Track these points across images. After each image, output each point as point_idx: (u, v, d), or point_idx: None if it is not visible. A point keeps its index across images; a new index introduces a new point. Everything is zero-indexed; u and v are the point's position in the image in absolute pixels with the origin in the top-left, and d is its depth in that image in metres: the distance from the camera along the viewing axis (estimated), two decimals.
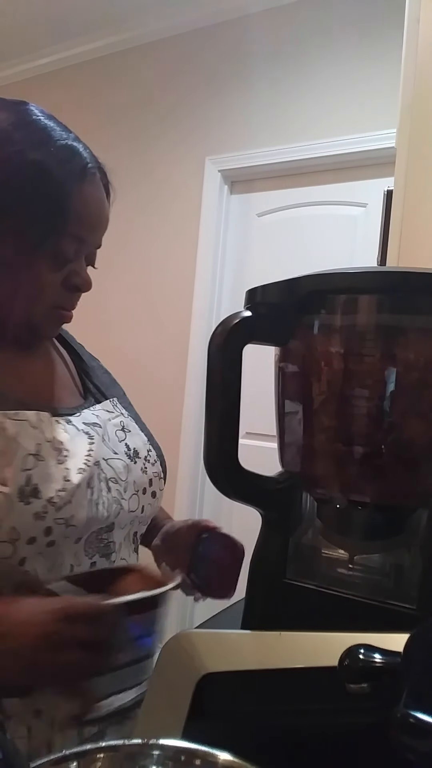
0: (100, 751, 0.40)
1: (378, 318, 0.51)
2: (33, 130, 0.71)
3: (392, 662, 0.37)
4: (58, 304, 0.75)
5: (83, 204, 0.72)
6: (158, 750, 0.40)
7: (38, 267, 0.72)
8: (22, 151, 0.69)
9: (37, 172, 0.69)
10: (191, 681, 0.50)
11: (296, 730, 0.49)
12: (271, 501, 0.56)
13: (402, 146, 1.17)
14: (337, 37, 2.44)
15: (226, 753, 0.39)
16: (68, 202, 0.71)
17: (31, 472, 0.68)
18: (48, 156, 0.70)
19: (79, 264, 0.75)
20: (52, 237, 0.71)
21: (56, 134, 0.72)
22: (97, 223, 0.76)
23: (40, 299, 0.73)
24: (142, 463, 0.82)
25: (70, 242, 0.73)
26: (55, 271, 0.73)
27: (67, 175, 0.71)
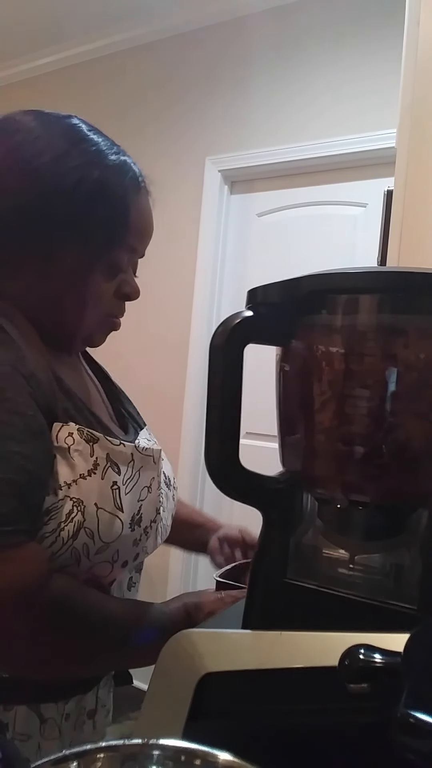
0: (100, 751, 0.40)
1: (378, 318, 0.51)
2: (87, 146, 0.73)
3: (392, 662, 0.37)
4: (110, 312, 0.78)
5: (138, 216, 0.75)
6: (158, 750, 0.40)
7: (96, 278, 0.74)
8: (81, 168, 0.71)
9: (97, 188, 0.71)
10: (191, 681, 0.50)
11: (296, 730, 0.49)
12: (272, 501, 0.56)
13: (402, 146, 1.17)
14: (337, 37, 2.44)
15: (226, 753, 0.39)
16: (128, 216, 0.73)
17: (143, 502, 0.74)
18: (105, 171, 0.72)
19: (128, 273, 0.78)
20: (111, 248, 0.74)
21: (108, 149, 0.74)
22: (148, 234, 0.79)
23: (97, 308, 0.76)
24: (173, 491, 0.87)
25: (124, 252, 0.75)
26: (109, 280, 0.75)
27: (126, 189, 0.73)
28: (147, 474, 0.75)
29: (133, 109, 2.95)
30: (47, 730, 0.72)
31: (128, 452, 0.72)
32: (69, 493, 0.66)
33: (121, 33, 2.99)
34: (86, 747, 0.39)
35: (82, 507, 0.66)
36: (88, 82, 3.14)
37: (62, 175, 0.70)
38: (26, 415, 0.63)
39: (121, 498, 0.70)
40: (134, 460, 0.73)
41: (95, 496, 0.67)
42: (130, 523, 0.70)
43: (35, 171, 0.69)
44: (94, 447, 0.69)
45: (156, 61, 2.93)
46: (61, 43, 3.16)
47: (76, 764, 0.38)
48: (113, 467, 0.70)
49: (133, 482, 0.72)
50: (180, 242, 2.80)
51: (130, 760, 0.40)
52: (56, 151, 0.70)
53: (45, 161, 0.70)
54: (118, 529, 0.69)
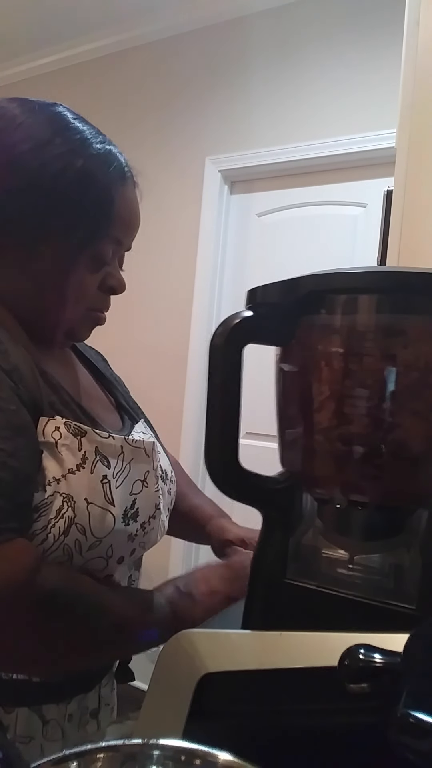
0: (100, 751, 0.40)
1: (378, 318, 0.51)
2: (71, 134, 0.71)
3: (392, 662, 0.37)
4: (94, 306, 0.76)
5: (124, 207, 0.73)
6: (158, 750, 0.40)
7: (79, 269, 0.72)
8: (64, 156, 0.69)
9: (81, 178, 0.69)
10: (191, 681, 0.50)
11: (296, 730, 0.49)
12: (272, 501, 0.56)
13: (402, 146, 1.17)
14: (337, 37, 2.44)
15: (226, 753, 0.39)
16: (113, 207, 0.71)
17: (137, 496, 0.73)
18: (90, 160, 0.70)
19: (113, 266, 0.76)
20: (95, 240, 0.72)
21: (93, 138, 0.72)
22: (134, 225, 0.77)
23: (80, 301, 0.74)
24: (170, 485, 0.85)
25: (109, 244, 0.73)
26: (93, 273, 0.73)
27: (110, 179, 0.72)
28: (139, 467, 0.74)
29: (134, 108, 2.95)
30: (50, 732, 0.71)
31: (117, 445, 0.71)
32: (58, 488, 0.65)
33: (121, 33, 2.99)
34: (86, 747, 0.39)
35: (72, 502, 0.65)
36: (88, 82, 3.14)
37: (44, 163, 0.68)
38: (8, 411, 0.62)
39: (112, 492, 0.68)
40: (124, 452, 0.72)
41: (85, 490, 0.66)
42: (123, 518, 0.69)
43: (16, 159, 0.68)
44: (82, 441, 0.67)
45: (156, 61, 2.93)
46: (61, 43, 3.16)
47: (76, 764, 0.38)
48: (102, 461, 0.69)
49: (123, 475, 0.71)
50: (180, 242, 2.80)
51: (130, 760, 0.40)
52: (39, 139, 0.68)
53: (26, 149, 0.68)
54: (110, 524, 0.68)
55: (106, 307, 0.78)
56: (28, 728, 0.70)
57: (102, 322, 0.78)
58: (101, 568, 0.70)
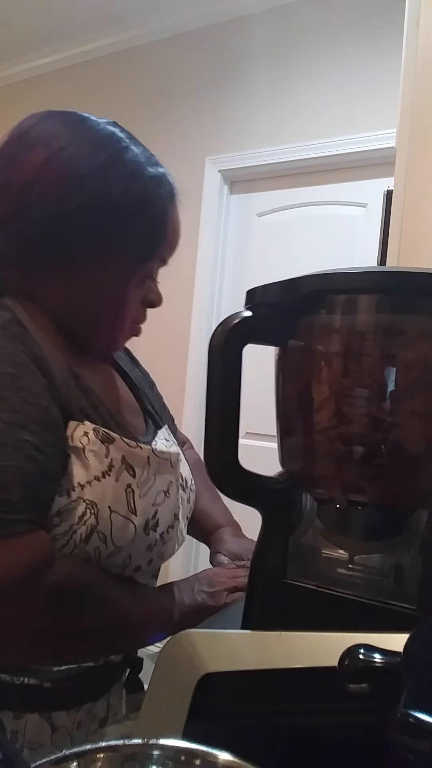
0: (100, 751, 0.40)
1: (378, 318, 0.51)
2: (130, 156, 0.72)
3: (392, 662, 0.37)
4: (136, 319, 0.79)
5: (172, 227, 0.76)
6: (158, 750, 0.40)
7: (129, 286, 0.74)
8: (126, 179, 0.70)
9: (141, 200, 0.71)
10: (191, 681, 0.50)
11: (296, 730, 0.49)
12: (271, 501, 0.56)
13: (402, 146, 1.17)
14: (337, 37, 2.44)
15: (226, 753, 0.39)
16: (167, 227, 0.75)
17: (159, 507, 0.72)
18: (148, 183, 0.72)
19: (154, 281, 0.79)
20: (148, 259, 0.75)
21: (146, 161, 0.74)
22: (176, 244, 0.79)
23: (125, 313, 0.76)
24: (189, 493, 0.84)
25: (157, 262, 0.77)
26: (139, 288, 0.76)
27: (164, 202, 0.74)
28: (163, 478, 0.74)
29: (133, 108, 2.95)
30: (58, 739, 0.71)
31: (144, 455, 0.71)
32: (83, 494, 0.65)
33: (121, 33, 2.99)
34: (86, 747, 0.39)
35: (95, 510, 0.65)
36: (88, 82, 3.14)
37: (106, 185, 0.69)
38: (40, 406, 0.62)
39: (135, 501, 0.68)
40: (150, 463, 0.71)
41: (109, 498, 0.66)
42: (144, 528, 0.69)
43: (78, 180, 0.68)
44: (110, 448, 0.68)
45: (156, 61, 2.93)
46: (61, 43, 3.16)
47: (76, 764, 0.38)
48: (128, 470, 0.69)
49: (148, 485, 0.71)
50: (180, 242, 2.80)
51: (130, 760, 0.40)
52: (100, 161, 0.69)
53: (88, 171, 0.69)
54: (131, 534, 0.68)
55: (144, 319, 0.80)
56: (38, 735, 0.70)
57: (138, 333, 0.81)
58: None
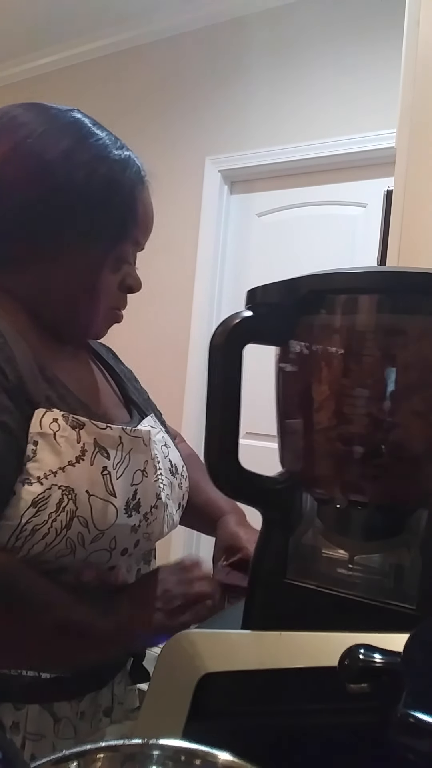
0: (100, 751, 0.40)
1: (378, 318, 0.51)
2: (93, 141, 0.73)
3: (392, 662, 0.37)
4: (114, 304, 0.78)
5: (143, 209, 0.76)
6: (158, 750, 0.40)
7: (103, 271, 0.74)
8: (89, 163, 0.71)
9: (106, 183, 0.72)
10: (191, 681, 0.50)
11: (296, 730, 0.49)
12: (272, 501, 0.56)
13: (402, 146, 1.17)
14: (337, 37, 2.44)
15: (226, 753, 0.39)
16: (136, 209, 0.75)
17: (138, 487, 0.72)
18: (113, 166, 0.73)
19: (131, 266, 0.79)
20: (120, 242, 0.75)
21: (112, 144, 0.74)
22: (150, 227, 0.80)
23: (103, 301, 0.76)
24: (180, 479, 0.84)
25: (130, 246, 0.77)
26: (115, 273, 0.76)
27: (132, 183, 0.74)
28: (138, 457, 0.73)
29: (134, 108, 2.95)
30: (61, 730, 0.71)
31: (116, 435, 0.71)
32: (56, 481, 0.64)
33: (121, 33, 2.99)
34: (86, 747, 0.39)
35: (72, 495, 0.65)
36: (88, 82, 3.14)
37: (71, 170, 0.70)
38: None
39: (112, 483, 0.68)
40: (123, 442, 0.71)
41: (86, 483, 0.66)
42: (125, 509, 0.69)
43: (44, 166, 0.69)
44: (81, 432, 0.67)
45: (156, 61, 2.93)
46: (61, 43, 3.16)
47: (76, 764, 0.38)
48: (102, 452, 0.69)
49: (123, 466, 0.70)
50: (180, 242, 2.80)
51: (130, 760, 0.40)
52: (64, 146, 0.70)
53: (54, 156, 0.70)
54: (113, 516, 0.68)
55: (124, 305, 0.80)
56: (39, 726, 0.70)
57: (120, 320, 0.81)
58: (105, 561, 0.69)
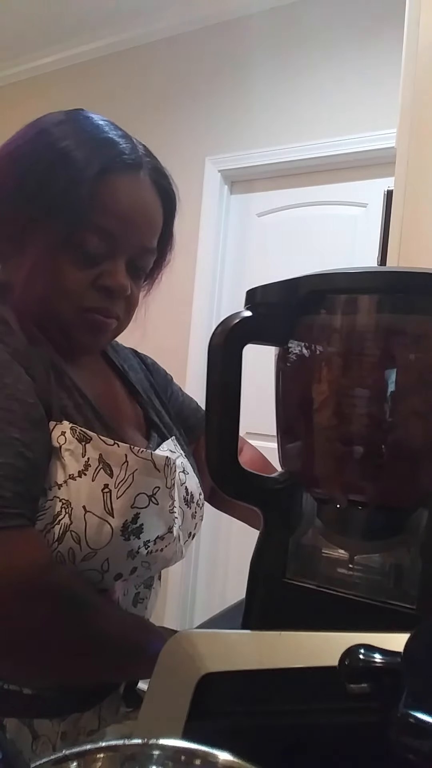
0: (100, 751, 0.40)
1: (378, 318, 0.51)
2: (73, 125, 0.69)
3: (392, 662, 0.37)
4: (90, 306, 0.70)
5: (110, 196, 0.67)
6: (158, 750, 0.40)
7: (61, 260, 0.67)
8: (53, 141, 0.67)
9: (59, 159, 0.66)
10: (191, 681, 0.50)
11: (296, 730, 0.49)
12: (272, 501, 0.56)
13: (402, 146, 1.17)
14: (337, 37, 2.44)
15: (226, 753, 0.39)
16: (84, 190, 0.66)
17: (141, 511, 0.68)
18: (77, 144, 0.67)
19: (113, 265, 0.70)
20: (74, 227, 0.66)
21: (97, 129, 0.69)
22: (130, 220, 0.70)
23: (65, 297, 0.69)
24: (195, 508, 0.80)
25: (95, 237, 0.68)
26: (82, 268, 0.68)
27: (89, 162, 0.66)
28: (146, 480, 0.69)
29: (134, 108, 2.95)
30: (39, 748, 0.68)
31: (121, 453, 0.67)
32: (58, 494, 0.63)
33: (121, 33, 2.99)
34: (86, 747, 0.39)
35: (69, 509, 0.63)
36: (88, 83, 3.14)
37: (35, 150, 0.68)
38: (26, 403, 0.61)
39: (111, 502, 0.65)
40: (128, 461, 0.68)
41: (84, 498, 0.64)
42: (122, 531, 0.66)
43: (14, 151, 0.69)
44: (87, 447, 0.65)
45: (156, 61, 2.93)
46: (61, 43, 3.16)
47: (76, 764, 0.38)
48: (105, 469, 0.66)
49: (125, 486, 0.67)
50: (180, 242, 2.79)
51: (130, 760, 0.40)
52: (32, 134, 0.69)
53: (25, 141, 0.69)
54: (107, 536, 0.65)
55: (108, 311, 0.72)
56: (17, 741, 0.67)
57: (105, 326, 0.72)
58: (95, 582, 0.67)
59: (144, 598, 0.78)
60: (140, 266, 0.74)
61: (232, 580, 2.60)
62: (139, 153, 0.72)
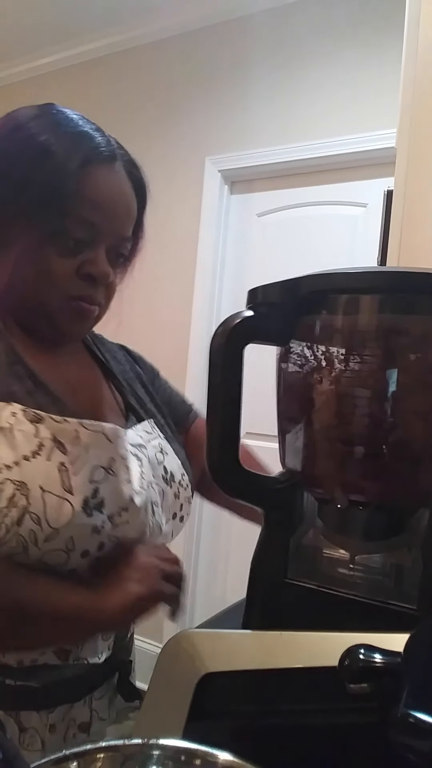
0: (100, 751, 0.40)
1: (378, 318, 0.51)
2: (49, 119, 0.71)
3: (392, 662, 0.37)
4: (74, 294, 0.72)
5: (91, 187, 0.70)
6: (158, 750, 0.40)
7: (48, 251, 0.70)
8: (32, 136, 0.69)
9: (40, 153, 0.68)
10: (191, 681, 0.50)
11: (296, 730, 0.49)
12: (272, 501, 0.56)
13: (402, 146, 1.17)
14: (337, 37, 2.44)
15: (226, 753, 0.39)
16: (68, 182, 0.68)
17: (99, 485, 0.68)
18: (56, 138, 0.69)
19: (95, 253, 0.72)
20: (57, 219, 0.69)
21: (73, 122, 0.71)
22: (110, 209, 0.72)
23: (52, 286, 0.71)
24: (177, 488, 0.81)
25: (79, 227, 0.70)
26: (66, 257, 0.71)
27: (70, 155, 0.69)
28: (100, 453, 0.69)
29: (134, 109, 2.95)
30: (27, 740, 0.68)
31: (72, 429, 0.67)
32: (10, 475, 0.63)
33: (121, 33, 2.99)
34: (86, 747, 0.39)
35: (26, 490, 0.63)
36: (88, 83, 3.14)
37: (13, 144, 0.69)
38: None
39: (69, 479, 0.65)
40: (80, 437, 0.68)
41: (40, 478, 0.64)
42: (83, 507, 0.66)
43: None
44: (39, 427, 0.66)
45: (156, 61, 2.93)
46: (61, 43, 3.16)
47: (76, 764, 0.38)
48: (60, 447, 0.66)
49: (81, 461, 0.67)
50: (180, 242, 2.80)
51: (130, 760, 0.40)
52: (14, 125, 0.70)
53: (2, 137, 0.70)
54: (68, 514, 0.64)
55: (92, 298, 0.74)
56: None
57: (89, 313, 0.75)
58: (62, 562, 0.66)
59: None
60: (119, 253, 0.77)
61: (232, 580, 2.60)
62: (113, 145, 0.74)
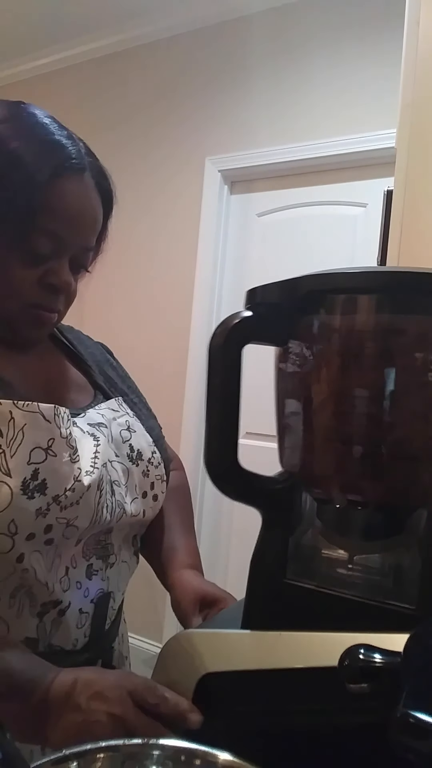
0: (100, 751, 0.40)
1: (378, 318, 0.51)
2: (21, 123, 0.70)
3: (392, 662, 0.37)
4: (35, 302, 0.72)
5: (59, 199, 0.69)
6: (158, 750, 0.40)
7: (10, 259, 0.69)
8: (1, 141, 0.67)
9: (9, 163, 0.67)
10: (191, 681, 0.50)
11: (296, 730, 0.49)
12: (271, 501, 0.56)
13: (402, 146, 1.17)
14: (337, 37, 2.44)
15: (226, 753, 0.39)
16: (36, 194, 0.67)
17: (39, 466, 0.67)
18: (27, 147, 0.68)
19: (59, 263, 0.72)
20: (23, 230, 0.68)
21: (45, 129, 0.70)
22: (77, 222, 0.72)
23: (12, 293, 0.71)
24: (145, 466, 0.81)
25: (44, 238, 0.70)
26: (29, 267, 0.71)
27: (40, 166, 0.68)
28: (37, 433, 0.68)
29: (134, 109, 2.95)
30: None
31: (6, 410, 0.66)
32: None
33: (121, 33, 2.99)
34: (86, 747, 0.39)
35: None
36: (88, 83, 3.14)
37: None
38: None
39: (7, 462, 0.64)
40: (14, 417, 0.67)
41: None
42: (23, 490, 0.64)
43: None
44: None
45: (156, 61, 2.93)
46: (61, 43, 3.16)
47: (76, 764, 0.39)
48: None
49: (17, 443, 0.66)
50: (180, 242, 2.80)
51: (130, 760, 0.40)
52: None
53: None
54: (7, 497, 0.63)
55: (52, 307, 0.74)
56: None
57: (48, 321, 0.75)
58: (7, 548, 0.65)
59: (98, 569, 0.76)
60: (81, 263, 0.77)
61: (232, 580, 2.60)
62: (83, 154, 0.73)
